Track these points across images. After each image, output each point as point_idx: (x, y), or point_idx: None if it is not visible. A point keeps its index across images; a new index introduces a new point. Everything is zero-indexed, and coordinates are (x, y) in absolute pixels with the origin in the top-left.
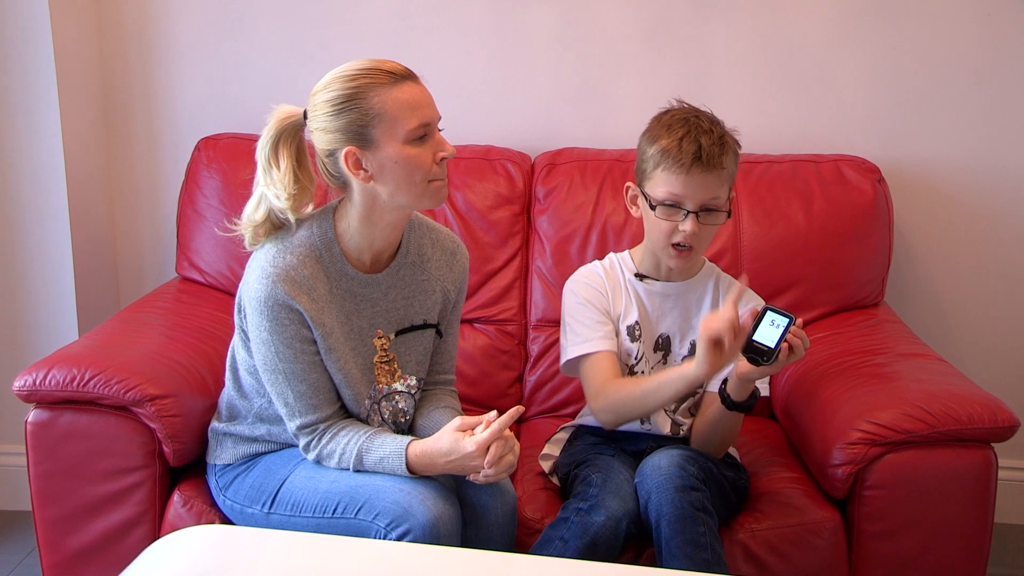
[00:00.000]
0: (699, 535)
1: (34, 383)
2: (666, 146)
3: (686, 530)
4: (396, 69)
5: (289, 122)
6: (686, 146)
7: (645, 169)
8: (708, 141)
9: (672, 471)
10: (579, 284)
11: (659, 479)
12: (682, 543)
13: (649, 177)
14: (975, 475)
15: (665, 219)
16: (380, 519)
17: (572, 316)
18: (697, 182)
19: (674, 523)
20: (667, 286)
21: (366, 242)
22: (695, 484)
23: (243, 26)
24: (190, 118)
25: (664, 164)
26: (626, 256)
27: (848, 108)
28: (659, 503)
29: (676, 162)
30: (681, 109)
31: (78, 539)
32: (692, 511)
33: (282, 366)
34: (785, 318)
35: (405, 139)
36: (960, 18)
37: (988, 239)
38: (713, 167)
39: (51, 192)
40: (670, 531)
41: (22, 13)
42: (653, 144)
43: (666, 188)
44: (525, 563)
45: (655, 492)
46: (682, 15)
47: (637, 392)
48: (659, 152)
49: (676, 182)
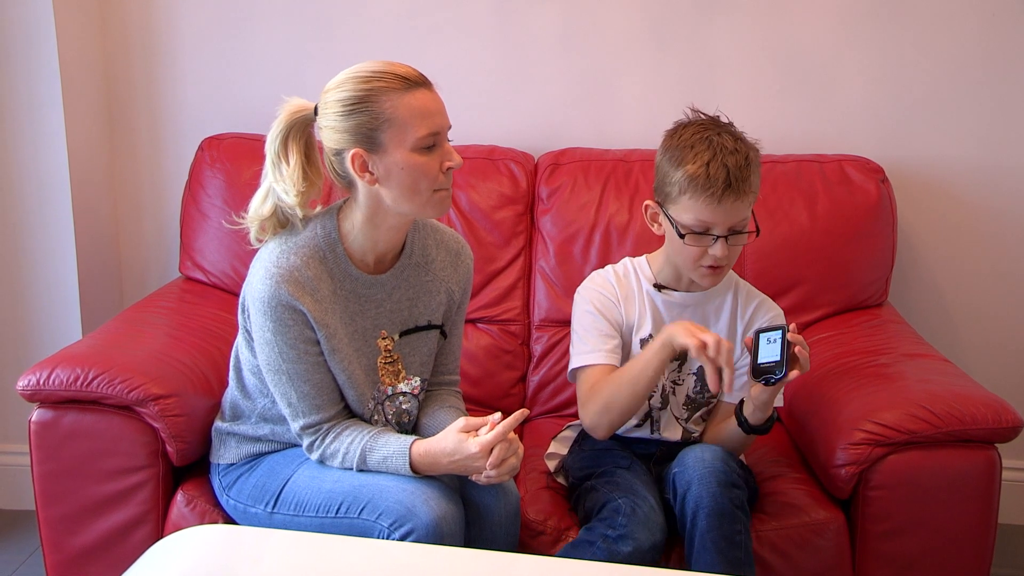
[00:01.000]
0: (735, 532)
1: (38, 383)
2: (693, 172)
3: (723, 525)
4: (410, 75)
5: (299, 116)
6: (714, 172)
7: (669, 192)
8: (735, 163)
9: (716, 464)
10: (590, 291)
11: (702, 471)
12: (717, 538)
13: (675, 201)
14: (979, 476)
15: (695, 245)
16: (383, 519)
17: (580, 324)
18: (728, 209)
19: (712, 516)
20: (686, 296)
21: (369, 243)
22: (737, 481)
23: (247, 26)
24: (194, 118)
25: (692, 192)
26: (643, 263)
27: (852, 108)
28: (699, 495)
29: (705, 191)
30: (699, 123)
31: (81, 538)
32: (731, 508)
33: (286, 367)
34: (777, 330)
35: (413, 146)
36: (964, 18)
37: (992, 239)
38: (743, 192)
39: (55, 192)
40: (707, 524)
41: (26, 13)
42: (678, 168)
43: (695, 215)
44: (528, 563)
45: (696, 483)
46: (686, 15)
47: (624, 376)
48: (686, 179)
49: (706, 210)
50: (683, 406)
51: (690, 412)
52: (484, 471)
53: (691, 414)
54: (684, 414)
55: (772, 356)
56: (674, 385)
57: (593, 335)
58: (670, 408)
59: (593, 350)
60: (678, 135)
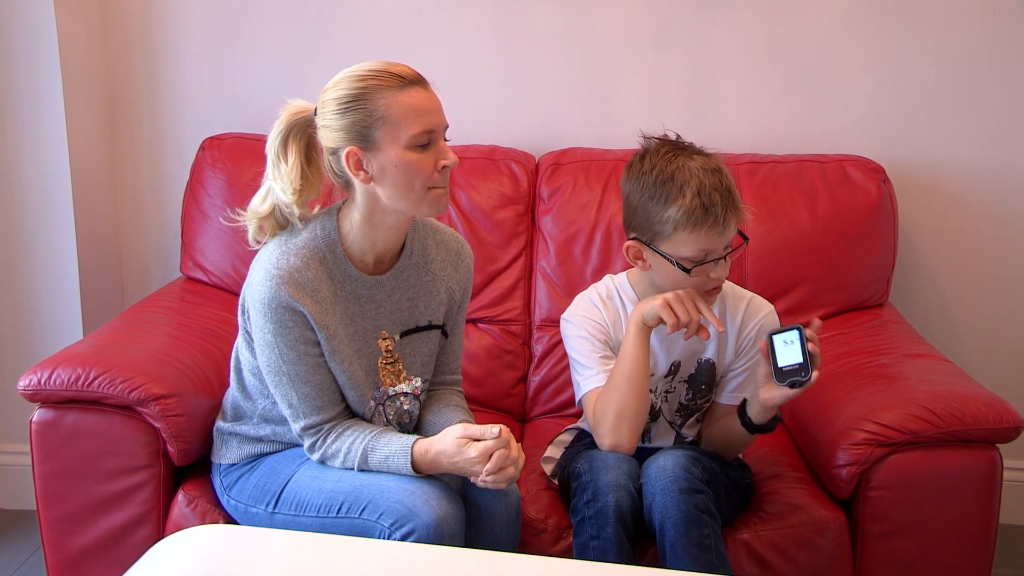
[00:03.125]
0: (703, 537)
1: (39, 382)
2: (688, 207)
3: (691, 532)
4: (406, 73)
5: (299, 117)
6: (708, 200)
7: (661, 231)
8: (720, 183)
9: (677, 472)
10: (578, 318)
11: (664, 481)
12: (687, 545)
13: (670, 238)
14: (980, 476)
15: (701, 275)
16: (384, 519)
17: (576, 351)
18: (730, 231)
19: (679, 525)
20: None
21: (368, 243)
22: (699, 487)
23: (248, 26)
24: (194, 118)
25: (692, 226)
26: (625, 284)
27: (853, 108)
28: (664, 505)
29: (706, 222)
30: (661, 152)
31: (82, 538)
32: (696, 513)
33: (286, 368)
34: (793, 330)
35: (407, 144)
36: (966, 18)
37: (993, 239)
38: (738, 207)
39: (56, 191)
40: (675, 533)
41: (27, 13)
42: (667, 206)
43: (697, 247)
44: (528, 563)
45: (659, 494)
46: (687, 15)
47: (618, 379)
48: (683, 215)
49: (708, 239)
50: (676, 412)
51: (684, 418)
52: (481, 475)
53: (684, 420)
54: (678, 420)
55: (794, 359)
56: (666, 394)
57: (593, 358)
58: (662, 418)
59: (599, 372)
60: (646, 170)
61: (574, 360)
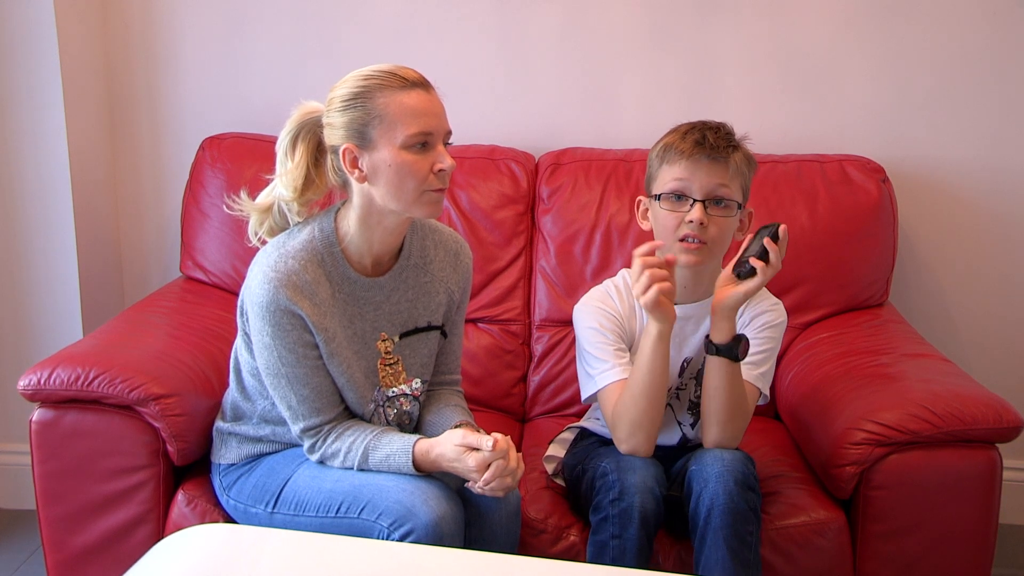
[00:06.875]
0: (747, 533)
1: (39, 382)
2: (669, 141)
3: (736, 524)
4: (411, 76)
5: (309, 118)
6: (689, 136)
7: (652, 175)
8: (713, 135)
9: (735, 465)
10: (592, 309)
11: (720, 469)
12: (729, 536)
13: (655, 178)
14: (980, 476)
15: (671, 211)
16: (383, 519)
17: (589, 343)
18: (702, 168)
19: (726, 515)
20: (686, 308)
21: (365, 245)
22: (754, 484)
23: (248, 26)
24: (194, 118)
25: (667, 157)
26: None
27: (853, 108)
28: (716, 492)
29: (678, 151)
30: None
31: (82, 538)
32: (747, 508)
33: (285, 370)
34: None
35: (403, 144)
36: (966, 18)
37: (993, 239)
38: (718, 156)
39: (56, 192)
40: (720, 521)
41: (27, 13)
42: (658, 145)
43: (670, 177)
44: (528, 564)
45: (714, 480)
46: (687, 15)
47: (637, 388)
48: (663, 148)
49: (679, 169)
50: (687, 411)
51: (695, 417)
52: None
53: (696, 419)
54: (689, 419)
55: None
56: (677, 391)
57: (606, 351)
58: (671, 415)
59: (613, 367)
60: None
61: (586, 353)
